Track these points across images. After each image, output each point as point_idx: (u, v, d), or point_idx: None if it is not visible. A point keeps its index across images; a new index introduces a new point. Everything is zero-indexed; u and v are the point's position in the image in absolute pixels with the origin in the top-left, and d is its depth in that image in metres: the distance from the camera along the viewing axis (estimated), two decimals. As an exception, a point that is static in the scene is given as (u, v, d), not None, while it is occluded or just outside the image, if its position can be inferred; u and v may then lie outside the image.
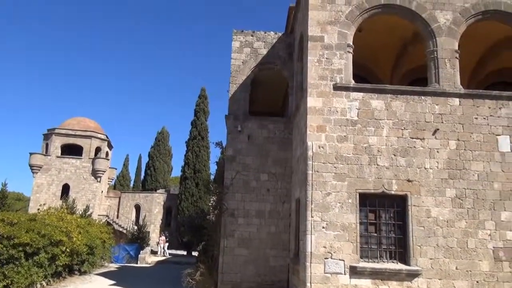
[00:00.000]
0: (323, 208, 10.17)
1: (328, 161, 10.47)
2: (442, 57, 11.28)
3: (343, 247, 9.96)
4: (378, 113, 10.85)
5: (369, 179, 10.41)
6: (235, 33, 15.76)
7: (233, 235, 13.86)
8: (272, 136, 14.76)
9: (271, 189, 14.26)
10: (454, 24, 11.52)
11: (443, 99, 10.99)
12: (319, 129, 10.67)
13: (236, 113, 15.03)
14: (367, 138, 10.67)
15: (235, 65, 15.43)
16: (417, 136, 10.73)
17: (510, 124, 10.88)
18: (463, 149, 10.67)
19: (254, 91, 16.59)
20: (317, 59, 11.16)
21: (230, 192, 14.21)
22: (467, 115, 10.92)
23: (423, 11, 11.55)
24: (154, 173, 50.24)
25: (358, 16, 11.53)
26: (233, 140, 14.75)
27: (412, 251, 10.00)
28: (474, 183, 10.45)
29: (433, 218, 10.21)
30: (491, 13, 11.77)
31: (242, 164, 14.45)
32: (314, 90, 10.94)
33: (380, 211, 10.45)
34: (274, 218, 14.04)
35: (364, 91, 11.06)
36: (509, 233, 10.18)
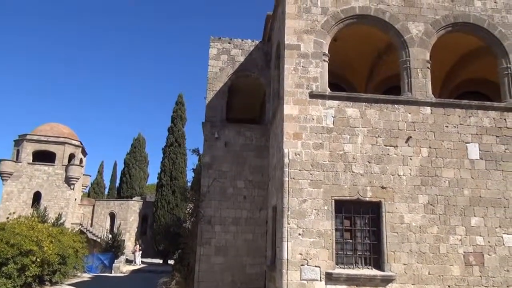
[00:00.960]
0: (299, 215, 10.23)
1: (304, 168, 10.56)
2: (414, 67, 11.59)
3: (319, 254, 10.02)
4: (353, 121, 11.04)
5: (345, 186, 10.55)
6: (213, 40, 15.79)
7: (210, 242, 13.76)
8: (249, 143, 14.79)
9: (248, 196, 14.26)
10: (425, 35, 11.88)
11: (415, 107, 11.28)
12: (296, 137, 10.76)
13: (213, 120, 15.00)
14: (343, 146, 10.82)
15: (212, 72, 15.43)
16: (391, 144, 10.95)
17: (479, 132, 11.26)
18: (435, 157, 10.96)
19: (232, 98, 16.62)
20: (293, 67, 11.28)
21: (206, 200, 14.12)
22: (438, 123, 11.23)
23: (396, 22, 11.87)
24: (130, 180, 49.36)
25: (333, 25, 11.75)
26: (210, 147, 14.71)
27: (386, 257, 10.16)
28: (445, 189, 10.74)
29: (406, 224, 10.41)
30: (460, 25, 12.20)
31: (219, 171, 14.41)
32: (291, 98, 11.04)
33: (355, 218, 10.59)
34: (251, 226, 14.03)
35: (339, 99, 11.23)
36: (478, 238, 10.49)
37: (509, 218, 10.69)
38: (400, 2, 12.04)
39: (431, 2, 12.14)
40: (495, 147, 11.17)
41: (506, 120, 11.42)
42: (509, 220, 10.68)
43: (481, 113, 11.43)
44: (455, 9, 12.16)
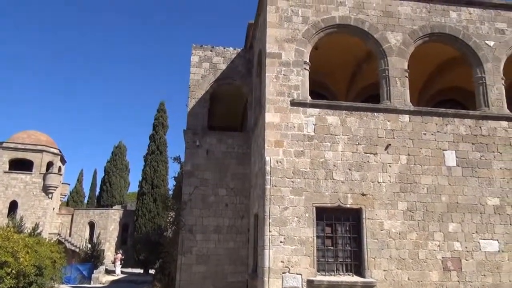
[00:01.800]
0: (280, 222, 10.24)
1: (285, 176, 10.60)
2: (393, 76, 11.82)
3: (300, 261, 10.03)
4: (334, 128, 11.16)
5: (326, 193, 10.62)
6: (194, 47, 15.78)
7: (191, 251, 13.62)
8: (231, 151, 14.78)
9: (229, 204, 14.21)
10: (403, 44, 12.15)
11: (394, 115, 11.49)
12: (277, 144, 10.81)
13: (195, 127, 14.94)
14: (324, 153, 10.92)
15: (194, 79, 15.41)
16: (371, 151, 11.10)
17: (455, 140, 11.52)
18: (413, 164, 11.16)
19: (213, 106, 16.61)
20: (275, 75, 11.36)
21: (188, 208, 14.01)
22: (416, 131, 11.46)
23: (375, 31, 12.11)
24: (110, 189, 48.57)
25: (314, 34, 11.91)
26: (192, 155, 14.63)
27: (366, 263, 10.25)
28: (423, 196, 10.93)
29: (386, 230, 10.54)
30: (437, 35, 12.53)
31: (201, 179, 14.33)
32: (272, 106, 11.10)
33: (336, 225, 10.66)
34: (233, 234, 13.96)
35: (320, 107, 11.36)
36: (456, 243, 10.69)
37: (485, 223, 10.95)
38: (379, 12, 12.30)
39: (408, 12, 12.44)
40: (471, 154, 11.45)
41: (481, 128, 11.73)
42: (485, 225, 10.93)
43: (457, 121, 11.72)
44: (431, 20, 12.49)
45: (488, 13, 12.85)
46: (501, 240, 10.87)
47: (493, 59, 12.39)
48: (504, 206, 11.15)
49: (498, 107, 12.00)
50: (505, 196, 11.24)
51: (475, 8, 12.81)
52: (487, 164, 11.44)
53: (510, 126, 11.87)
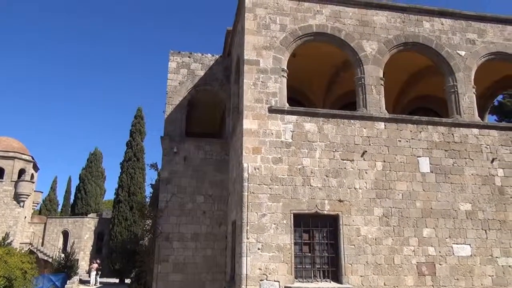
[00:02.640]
0: (258, 229, 10.20)
1: (263, 183, 10.59)
2: (369, 84, 12.03)
3: (278, 268, 10.01)
4: (311, 135, 11.24)
5: (303, 200, 10.66)
6: (172, 53, 15.68)
7: (168, 259, 13.40)
8: (209, 157, 14.68)
9: (207, 211, 14.08)
10: (379, 53, 12.39)
11: (370, 123, 11.67)
12: (255, 151, 10.80)
13: (172, 134, 14.79)
14: (301, 160, 10.97)
15: (172, 85, 15.28)
16: (347, 158, 11.23)
17: (429, 146, 11.79)
18: (389, 170, 11.34)
19: (191, 112, 16.50)
20: (253, 82, 11.39)
21: (165, 215, 13.81)
22: (391, 138, 11.66)
23: (352, 40, 12.31)
24: (85, 197, 47.43)
25: (292, 42, 12.02)
26: (169, 162, 14.46)
27: (344, 269, 10.31)
28: (399, 202, 11.11)
29: (363, 236, 10.64)
30: (411, 44, 12.84)
31: (178, 186, 14.16)
32: (250, 113, 11.11)
33: (313, 231, 10.70)
34: (210, 241, 13.83)
35: (298, 114, 11.43)
36: (430, 248, 10.89)
37: (458, 228, 11.20)
38: (355, 21, 12.52)
39: (384, 22, 12.72)
40: (444, 161, 11.73)
41: (453, 135, 12.05)
42: (458, 230, 11.18)
43: (431, 128, 12.00)
44: (405, 30, 12.81)
45: (459, 23, 13.27)
46: (473, 244, 11.14)
47: (464, 69, 12.78)
48: (475, 211, 11.45)
49: (470, 115, 12.35)
50: (477, 201, 11.55)
51: (447, 19, 13.21)
52: (459, 170, 11.73)
53: (481, 134, 12.24)
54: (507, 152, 12.19)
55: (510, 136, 12.40)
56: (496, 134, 12.34)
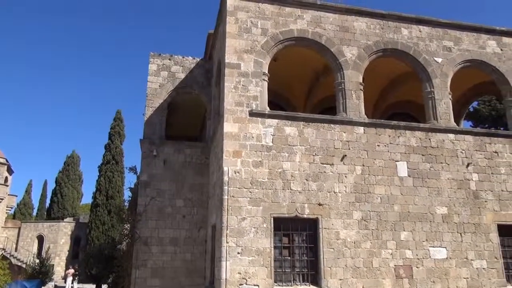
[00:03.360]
0: (238, 233, 10.15)
1: (243, 186, 10.56)
2: (348, 89, 12.17)
3: (257, 272, 9.97)
4: (292, 139, 11.29)
5: (283, 204, 10.67)
6: (152, 56, 15.53)
7: (146, 264, 13.20)
8: (189, 161, 14.57)
9: (187, 215, 13.95)
10: (359, 59, 12.56)
11: (350, 127, 11.79)
12: (235, 155, 10.77)
13: (152, 137, 14.63)
14: (281, 164, 10.99)
15: (152, 88, 15.13)
16: (327, 162, 11.31)
17: (407, 151, 11.99)
18: (368, 174, 11.47)
19: (172, 115, 16.36)
20: (233, 86, 11.37)
21: (143, 219, 13.62)
22: (370, 143, 11.81)
23: (332, 45, 12.45)
24: (62, 200, 46.37)
25: (273, 46, 12.06)
26: (148, 165, 14.28)
27: (323, 273, 10.34)
28: (377, 205, 11.25)
29: (342, 240, 10.71)
30: (390, 51, 13.07)
31: (157, 190, 13.99)
32: (231, 116, 11.08)
33: (293, 235, 10.72)
34: (190, 245, 13.69)
35: (278, 118, 11.46)
36: (407, 251, 11.05)
37: (435, 231, 11.41)
38: (335, 27, 12.67)
39: (363, 28, 12.91)
40: (421, 165, 11.94)
41: (430, 140, 12.29)
42: (434, 233, 11.38)
43: (409, 133, 12.22)
44: (385, 36, 13.03)
45: (436, 31, 13.59)
46: (449, 247, 11.36)
47: (441, 75, 13.07)
48: (451, 215, 11.69)
49: (446, 120, 12.63)
50: (453, 205, 11.79)
51: (424, 26, 13.50)
52: (436, 174, 11.97)
53: (457, 139, 12.52)
54: (482, 157, 12.51)
55: (485, 141, 12.73)
56: (471, 139, 12.65)
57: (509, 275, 11.76)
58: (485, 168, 12.42)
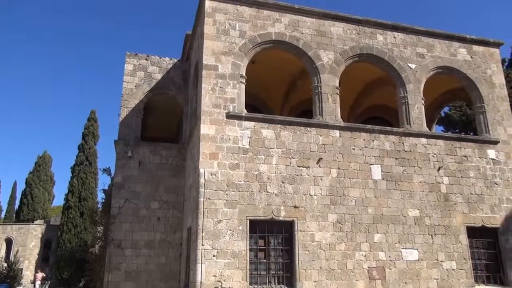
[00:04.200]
0: (214, 236, 10.10)
1: (220, 189, 10.52)
2: (325, 92, 12.31)
3: (233, 275, 9.95)
4: (269, 142, 11.33)
5: (259, 206, 10.69)
6: (129, 55, 15.29)
7: (119, 268, 12.95)
8: (165, 162, 14.40)
9: (162, 218, 13.78)
10: (335, 63, 12.73)
11: (326, 130, 11.94)
12: (212, 157, 10.72)
13: (127, 138, 14.39)
14: (258, 166, 11.02)
15: (128, 88, 14.89)
16: (303, 165, 11.41)
17: (381, 154, 12.23)
18: (343, 177, 11.63)
19: (148, 116, 16.15)
20: (211, 88, 11.33)
21: (117, 222, 13.36)
22: (346, 146, 11.99)
23: (309, 49, 12.58)
24: (32, 202, 44.96)
25: (251, 49, 12.09)
26: (123, 166, 14.03)
27: (298, 275, 10.41)
28: (352, 208, 11.41)
29: (317, 242, 10.81)
30: (365, 56, 13.31)
31: (132, 192, 13.77)
32: (208, 118, 11.03)
33: (269, 237, 10.75)
34: (165, 248, 13.52)
35: (255, 120, 11.48)
36: (381, 253, 11.25)
37: (407, 234, 11.66)
38: (312, 31, 12.81)
39: (340, 33, 13.10)
40: (394, 169, 12.20)
41: (403, 144, 12.57)
42: (406, 236, 11.64)
43: (383, 137, 12.46)
44: (360, 41, 13.26)
45: (410, 38, 13.93)
46: (420, 249, 11.64)
47: (414, 81, 13.40)
48: (423, 217, 11.98)
49: (419, 125, 12.95)
50: (424, 208, 12.09)
51: (399, 33, 13.82)
52: (409, 178, 12.25)
53: (429, 143, 12.86)
54: (452, 161, 12.88)
55: (455, 146, 13.12)
56: (442, 143, 13.01)
57: (477, 275, 12.14)
58: (455, 172, 12.80)
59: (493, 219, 12.66)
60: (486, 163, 13.22)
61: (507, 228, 12.71)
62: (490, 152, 13.38)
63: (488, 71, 14.52)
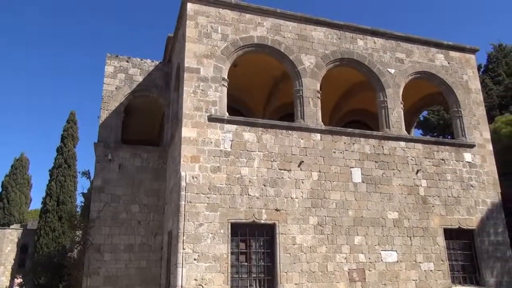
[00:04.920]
0: (195, 239, 10.05)
1: (201, 192, 10.48)
2: (306, 96, 12.43)
3: (214, 279, 9.91)
4: (250, 145, 11.35)
5: (241, 209, 10.69)
6: (109, 57, 15.11)
7: (98, 272, 12.74)
8: (146, 165, 14.25)
9: (142, 221, 13.62)
10: (316, 67, 12.87)
11: (307, 134, 12.04)
12: (193, 160, 10.68)
13: (107, 140, 14.19)
14: (240, 169, 11.02)
15: (108, 90, 14.69)
16: (285, 168, 11.47)
17: (361, 158, 12.40)
18: (324, 180, 11.74)
19: (128, 119, 15.96)
20: (193, 90, 11.29)
21: (96, 226, 13.15)
22: (327, 149, 12.11)
23: (291, 53, 12.68)
24: (8, 206, 43.78)
25: (233, 52, 12.11)
26: (103, 169, 13.83)
27: (279, 278, 10.44)
28: (332, 211, 11.53)
29: (298, 245, 10.88)
30: (346, 60, 13.49)
31: (112, 195, 13.57)
32: (189, 121, 10.99)
33: (250, 240, 10.76)
34: (145, 252, 13.37)
35: (237, 123, 11.50)
36: (361, 255, 11.39)
37: (386, 236, 11.85)
38: (294, 35, 12.92)
39: (321, 37, 13.25)
40: (374, 172, 12.38)
41: (383, 147, 12.78)
42: (386, 238, 11.82)
43: (363, 140, 12.64)
44: (341, 46, 13.43)
45: (390, 43, 14.19)
46: (399, 251, 11.83)
47: (393, 85, 13.65)
48: (402, 219, 12.19)
49: (398, 129, 13.19)
50: (403, 210, 12.31)
51: (379, 38, 14.06)
52: (388, 180, 12.45)
53: (408, 146, 13.10)
54: (430, 164, 13.15)
55: (433, 149, 13.41)
56: (420, 147, 13.28)
57: (454, 276, 12.41)
58: (433, 175, 13.07)
59: (469, 221, 12.97)
60: (462, 166, 13.54)
61: (483, 229, 13.05)
62: (466, 156, 13.72)
63: (465, 76, 14.91)
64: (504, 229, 13.37)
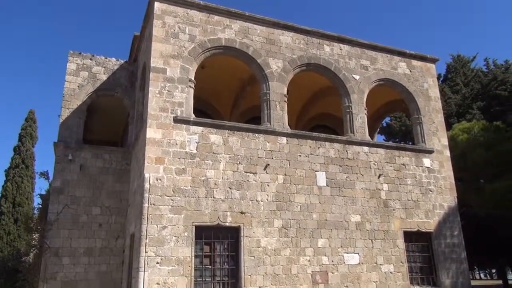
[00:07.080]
0: (158, 242, 9.86)
1: (165, 194, 10.31)
2: (273, 100, 12.50)
3: (177, 282, 9.76)
4: (216, 147, 11.28)
5: (206, 212, 10.60)
6: (72, 54, 14.61)
7: (55, 277, 12.24)
8: (108, 166, 13.86)
9: (104, 224, 13.23)
10: (284, 71, 12.98)
11: (273, 137, 12.10)
12: (158, 161, 10.49)
13: (68, 140, 13.70)
14: (205, 171, 10.93)
15: (70, 88, 14.20)
16: (251, 171, 11.47)
17: (326, 162, 12.60)
18: (289, 183, 11.84)
19: (91, 118, 15.49)
20: (158, 91, 11.11)
21: (54, 228, 12.65)
22: (292, 153, 12.22)
23: (258, 56, 12.73)
24: (-41, 208, 41.39)
25: (200, 53, 12.02)
26: (62, 170, 13.33)
27: (243, 281, 10.42)
28: (297, 214, 11.63)
29: (263, 247, 10.90)
30: (313, 65, 13.69)
31: (72, 197, 13.10)
32: (154, 122, 10.79)
33: (215, 243, 10.68)
34: (106, 256, 12.98)
35: (203, 125, 11.41)
36: (324, 258, 11.55)
37: (349, 238, 12.08)
38: (262, 39, 12.98)
39: (289, 42, 13.38)
40: (338, 175, 12.61)
41: (347, 152, 13.04)
42: (348, 240, 12.05)
43: (328, 144, 12.85)
44: (308, 51, 13.62)
45: (355, 50, 14.53)
46: (361, 253, 12.09)
47: (358, 91, 13.97)
48: (364, 222, 12.47)
49: (361, 134, 13.50)
50: (365, 213, 12.59)
51: (345, 45, 14.37)
52: (351, 184, 12.71)
53: (370, 151, 13.43)
54: (391, 169, 13.54)
55: (394, 154, 13.81)
56: (383, 152, 13.65)
57: (413, 277, 12.81)
58: (394, 179, 13.46)
59: (427, 224, 13.45)
60: (422, 171, 14.03)
61: (440, 232, 13.56)
62: (425, 161, 14.23)
63: (425, 84, 15.48)
64: (459, 231, 13.95)
